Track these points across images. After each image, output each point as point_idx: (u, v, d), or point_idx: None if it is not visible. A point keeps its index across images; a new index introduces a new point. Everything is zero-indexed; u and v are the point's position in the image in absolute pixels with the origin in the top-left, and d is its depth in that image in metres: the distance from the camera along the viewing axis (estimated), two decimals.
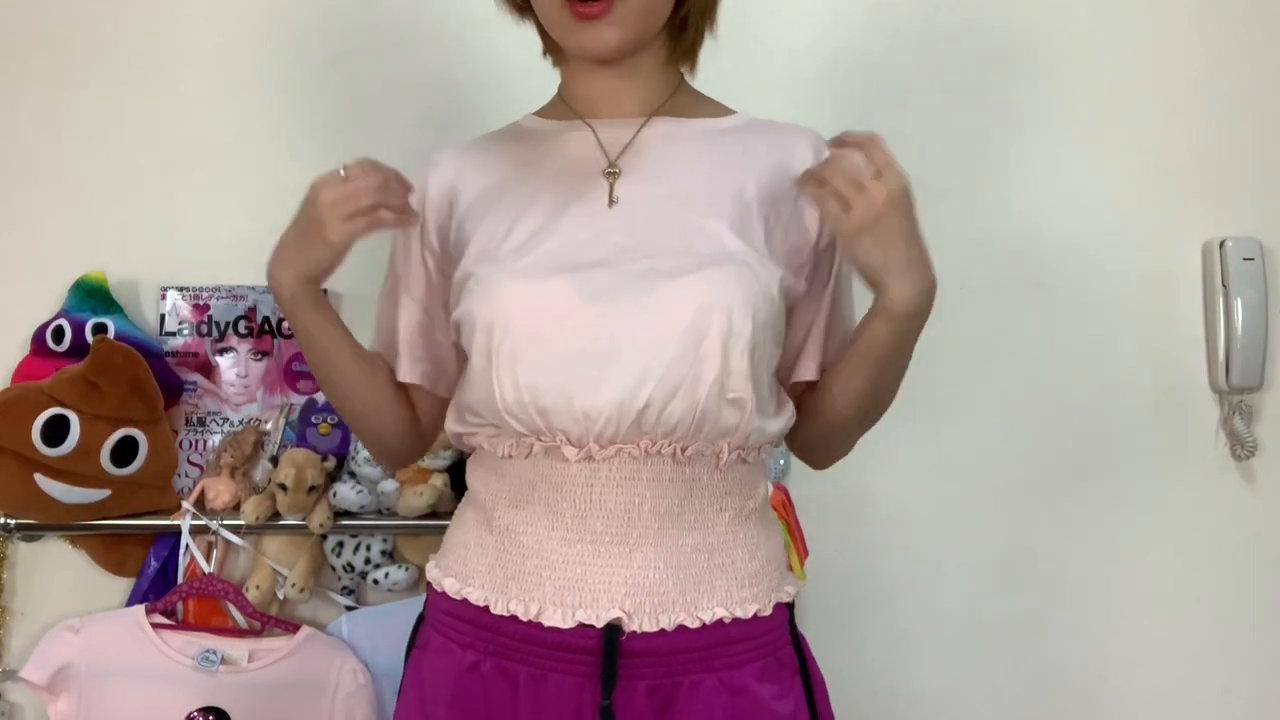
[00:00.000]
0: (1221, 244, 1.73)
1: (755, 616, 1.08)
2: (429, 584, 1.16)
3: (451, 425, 1.16)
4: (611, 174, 1.12)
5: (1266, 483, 1.75)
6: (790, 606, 1.14)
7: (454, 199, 1.17)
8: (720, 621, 1.05)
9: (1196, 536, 1.75)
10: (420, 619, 1.17)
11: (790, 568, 1.52)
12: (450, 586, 1.11)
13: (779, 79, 1.73)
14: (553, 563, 1.05)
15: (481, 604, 1.07)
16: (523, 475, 1.07)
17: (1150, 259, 1.76)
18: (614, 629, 1.03)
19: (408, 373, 1.20)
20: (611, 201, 1.11)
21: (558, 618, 1.04)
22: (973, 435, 1.75)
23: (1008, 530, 1.75)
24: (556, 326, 1.03)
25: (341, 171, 1.08)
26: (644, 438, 1.04)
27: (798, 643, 1.13)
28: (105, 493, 1.59)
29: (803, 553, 1.58)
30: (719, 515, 1.08)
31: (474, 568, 1.10)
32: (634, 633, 1.03)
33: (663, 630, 1.04)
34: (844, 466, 1.67)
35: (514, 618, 1.05)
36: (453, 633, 1.09)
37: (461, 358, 1.17)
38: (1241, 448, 1.73)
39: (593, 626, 1.03)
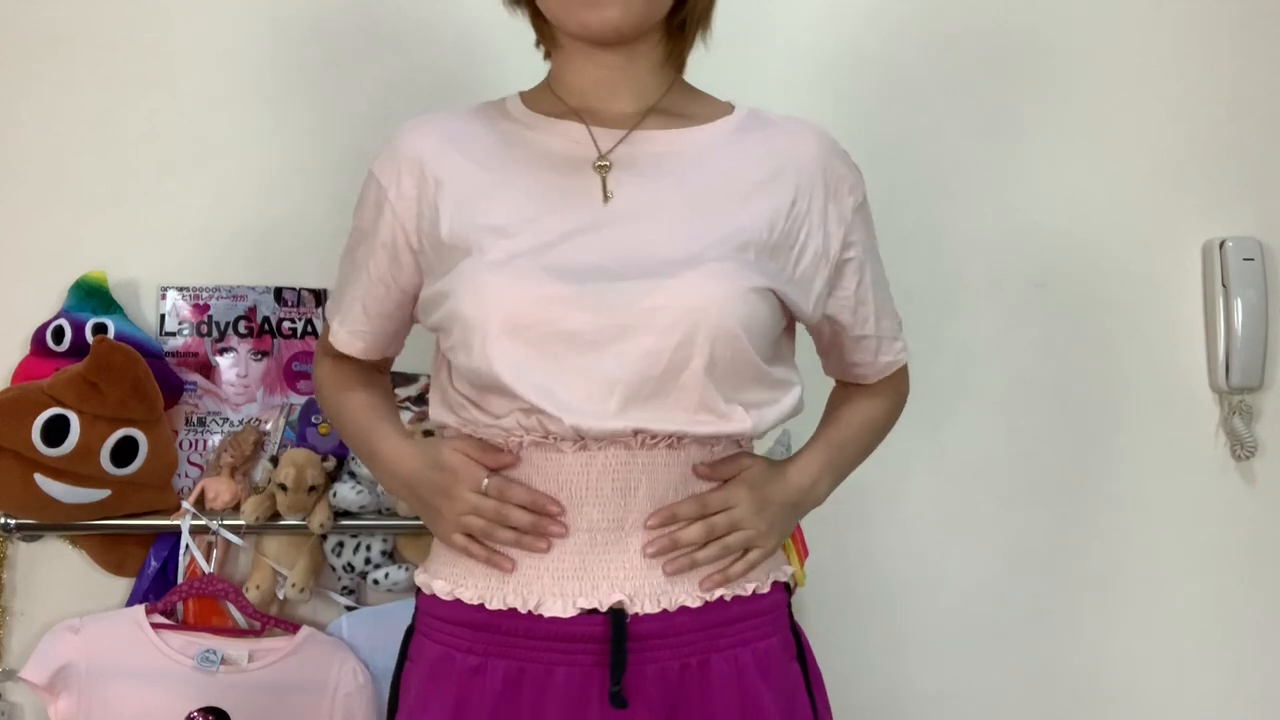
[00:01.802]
0: (1221, 244, 1.73)
1: (754, 594, 1.09)
2: (418, 591, 1.14)
3: (439, 416, 1.14)
4: (602, 168, 1.11)
5: (1266, 483, 1.75)
6: (788, 588, 1.15)
7: (438, 180, 1.12)
8: (721, 599, 1.07)
9: (1196, 536, 1.75)
10: (410, 631, 1.15)
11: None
12: (440, 589, 1.10)
13: (780, 79, 1.72)
14: (549, 554, 1.05)
15: (475, 602, 1.06)
16: (517, 469, 1.07)
17: (1150, 259, 1.76)
18: (619, 613, 1.03)
19: (345, 344, 1.23)
20: (606, 198, 1.09)
21: (558, 608, 1.03)
22: (973, 435, 1.75)
23: (1008, 530, 1.75)
24: (543, 329, 1.03)
25: (484, 484, 1.06)
26: (634, 436, 1.04)
27: (795, 628, 1.15)
28: (105, 493, 1.59)
29: (803, 553, 1.57)
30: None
31: (466, 567, 1.09)
32: (637, 615, 1.03)
33: (665, 611, 1.04)
34: None
35: (512, 612, 1.04)
36: (449, 639, 1.08)
37: (406, 332, 1.21)
38: (1241, 448, 1.73)
39: (595, 613, 1.03)
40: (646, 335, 1.02)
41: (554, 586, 1.04)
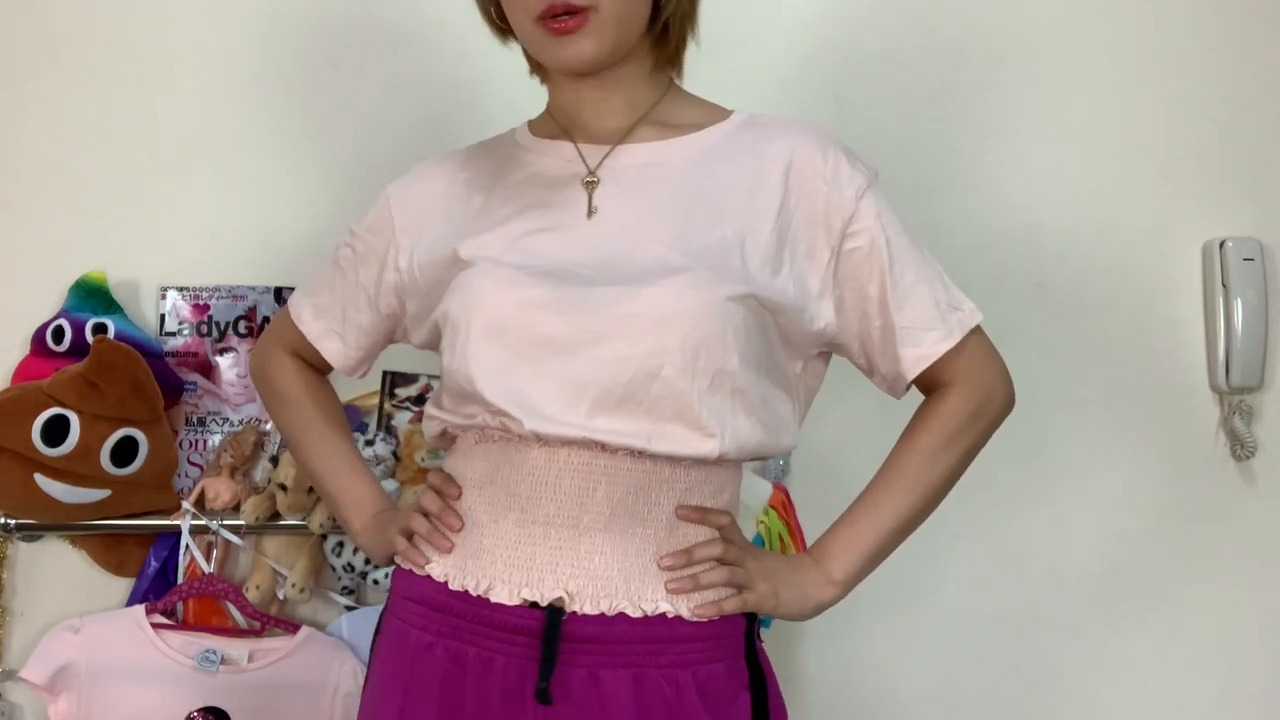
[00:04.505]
0: (1221, 244, 1.73)
1: (696, 620, 1.07)
2: (395, 568, 1.18)
3: (431, 429, 1.19)
4: (590, 183, 1.14)
5: (1266, 483, 1.75)
6: (750, 619, 1.12)
7: (445, 211, 1.19)
8: (664, 616, 1.06)
9: (1196, 536, 1.74)
10: (385, 609, 1.19)
11: None
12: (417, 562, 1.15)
13: (780, 79, 1.73)
14: (506, 542, 1.08)
15: (441, 579, 1.10)
16: (489, 459, 1.11)
17: (1150, 259, 1.76)
18: (556, 610, 1.05)
19: (316, 336, 1.28)
20: (590, 212, 1.12)
21: (504, 595, 1.07)
22: None
23: (1008, 530, 1.75)
24: (521, 333, 1.07)
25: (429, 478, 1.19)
26: (603, 443, 1.05)
27: (754, 658, 1.11)
28: (105, 493, 1.59)
29: (801, 551, 1.57)
30: (675, 511, 1.09)
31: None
32: (574, 614, 1.05)
33: (603, 615, 1.05)
34: (843, 467, 1.67)
35: (465, 593, 1.08)
36: (410, 616, 1.12)
37: (378, 346, 1.29)
38: (1241, 448, 1.72)
39: (536, 607, 1.05)
40: (618, 341, 1.04)
41: (505, 574, 1.07)
